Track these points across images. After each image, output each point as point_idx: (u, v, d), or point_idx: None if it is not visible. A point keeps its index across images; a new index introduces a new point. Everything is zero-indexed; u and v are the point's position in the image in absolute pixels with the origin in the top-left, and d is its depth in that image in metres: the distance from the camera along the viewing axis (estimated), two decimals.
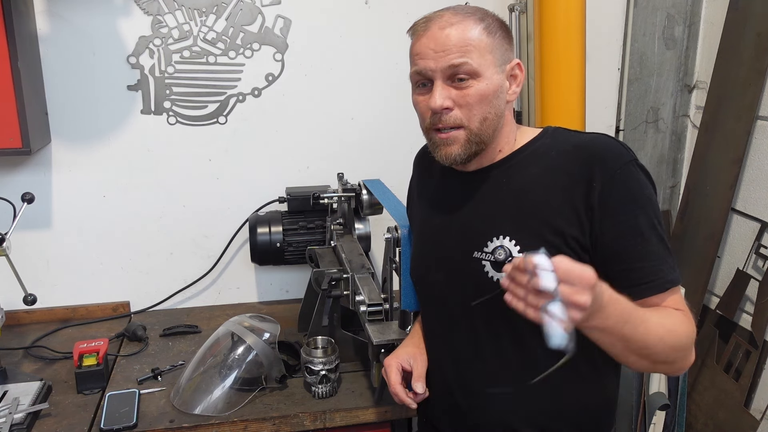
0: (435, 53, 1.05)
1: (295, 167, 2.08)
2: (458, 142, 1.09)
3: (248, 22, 1.94)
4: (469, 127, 1.07)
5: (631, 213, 1.03)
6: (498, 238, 1.10)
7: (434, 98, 1.06)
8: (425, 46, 1.06)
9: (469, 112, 1.07)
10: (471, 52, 1.04)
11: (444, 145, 1.10)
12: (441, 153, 1.11)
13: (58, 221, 1.97)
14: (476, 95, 1.05)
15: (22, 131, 1.64)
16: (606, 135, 1.10)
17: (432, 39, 1.05)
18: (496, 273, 1.09)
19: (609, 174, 1.03)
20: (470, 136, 1.08)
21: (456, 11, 1.07)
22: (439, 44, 1.04)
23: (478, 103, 1.06)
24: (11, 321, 1.93)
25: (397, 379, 1.22)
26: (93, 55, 1.88)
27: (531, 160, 1.12)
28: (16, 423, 1.40)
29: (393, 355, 1.27)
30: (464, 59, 1.04)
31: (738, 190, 2.04)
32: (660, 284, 1.03)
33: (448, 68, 1.04)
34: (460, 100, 1.06)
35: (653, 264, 1.03)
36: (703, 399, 2.09)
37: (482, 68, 1.05)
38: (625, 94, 2.24)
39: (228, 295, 2.14)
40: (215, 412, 1.46)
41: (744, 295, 2.00)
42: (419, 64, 1.07)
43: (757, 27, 1.91)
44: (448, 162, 1.11)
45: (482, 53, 1.05)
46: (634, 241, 1.03)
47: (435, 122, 1.09)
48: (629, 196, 1.03)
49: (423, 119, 1.12)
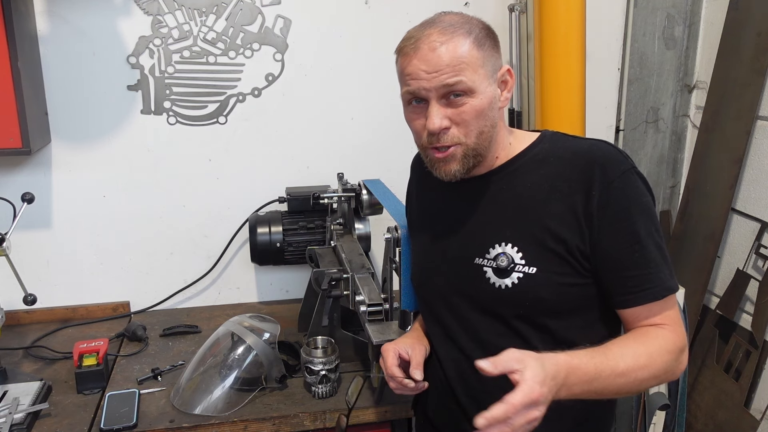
0: (427, 74, 1.03)
1: (295, 167, 2.08)
2: (456, 159, 1.08)
3: (248, 22, 1.94)
4: (466, 143, 1.07)
5: (628, 221, 1.03)
6: (500, 245, 1.10)
7: (432, 120, 1.04)
8: (416, 67, 1.03)
9: (466, 128, 1.06)
10: (464, 69, 1.02)
11: (443, 163, 1.09)
12: (440, 170, 1.10)
13: (58, 221, 1.97)
14: (472, 112, 1.05)
15: (22, 131, 1.64)
16: (604, 142, 1.10)
17: (423, 60, 1.03)
18: (498, 279, 1.09)
19: (607, 182, 1.03)
20: (467, 151, 1.08)
21: (443, 29, 1.04)
22: (431, 65, 1.02)
23: (475, 119, 1.05)
24: (11, 321, 1.93)
25: (394, 362, 1.18)
26: (93, 55, 1.88)
27: (530, 167, 1.12)
28: (16, 423, 1.40)
29: (391, 342, 1.26)
30: (458, 78, 1.02)
31: (738, 190, 2.03)
32: (656, 292, 1.04)
33: (442, 88, 1.03)
34: (456, 117, 1.05)
35: (650, 271, 1.03)
36: (703, 399, 2.09)
37: (476, 84, 1.04)
38: (625, 94, 2.24)
39: (228, 295, 2.14)
40: (215, 412, 1.46)
41: (744, 295, 2.00)
42: (412, 84, 1.05)
43: (757, 27, 1.91)
44: (447, 178, 1.11)
45: (475, 68, 1.04)
46: (631, 248, 1.03)
47: (432, 142, 1.07)
48: (627, 204, 1.03)
49: (418, 137, 1.11)
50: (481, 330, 1.14)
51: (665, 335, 1.04)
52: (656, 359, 1.01)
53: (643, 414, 2.00)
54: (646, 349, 1.02)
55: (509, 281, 1.08)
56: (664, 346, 1.03)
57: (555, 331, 1.09)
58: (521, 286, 1.07)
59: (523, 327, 1.10)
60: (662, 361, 1.02)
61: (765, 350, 1.89)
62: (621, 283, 1.04)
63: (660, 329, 1.05)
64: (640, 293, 1.04)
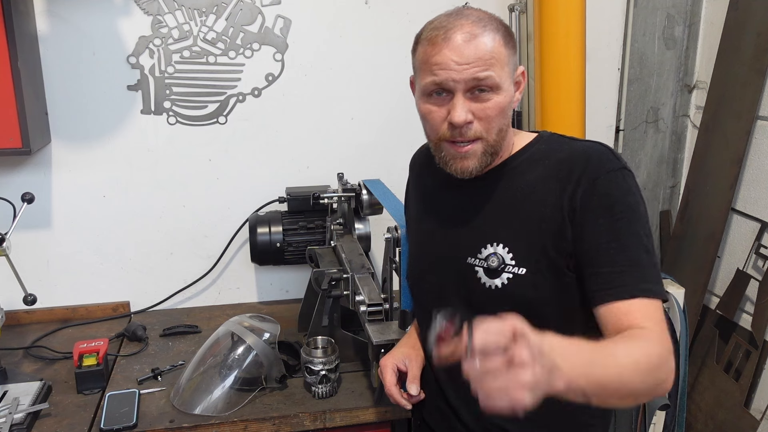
0: (458, 65, 1.00)
1: (295, 167, 2.08)
2: (476, 156, 1.07)
3: (248, 22, 1.94)
4: (487, 139, 1.06)
5: (610, 218, 1.00)
6: (492, 245, 1.09)
7: (457, 112, 1.02)
8: (447, 57, 1.01)
9: (488, 124, 1.04)
10: (494, 65, 1.01)
11: (461, 158, 1.07)
12: (456, 166, 1.08)
13: (58, 221, 1.97)
14: (496, 108, 1.03)
15: (22, 131, 1.64)
16: (601, 144, 1.08)
17: (455, 50, 1.00)
18: (489, 280, 1.09)
19: (592, 178, 1.02)
20: (487, 148, 1.07)
21: (475, 21, 1.02)
22: (464, 56, 1.00)
23: (497, 116, 1.04)
24: (11, 321, 1.93)
25: (392, 381, 1.22)
26: (93, 55, 1.88)
27: (525, 167, 1.11)
28: (16, 423, 1.40)
29: (389, 356, 1.27)
30: (489, 72, 1.01)
31: (738, 190, 2.04)
32: (626, 291, 0.97)
33: (471, 81, 1.01)
34: (479, 113, 1.03)
35: (623, 270, 0.98)
36: (703, 399, 2.09)
37: (502, 80, 1.03)
38: (625, 94, 2.24)
39: (228, 295, 2.14)
40: (215, 412, 1.46)
41: (744, 295, 2.00)
42: (440, 74, 1.02)
43: (757, 27, 1.91)
44: (463, 175, 1.09)
45: (502, 65, 1.03)
46: (608, 246, 1.00)
47: (454, 135, 1.05)
48: (610, 202, 1.01)
49: (435, 131, 1.08)
50: None
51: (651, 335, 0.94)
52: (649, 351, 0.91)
53: (643, 414, 2.00)
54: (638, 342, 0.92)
55: (499, 282, 1.08)
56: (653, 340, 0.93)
57: (545, 331, 1.08)
58: (511, 287, 1.07)
59: None
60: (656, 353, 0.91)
61: (765, 350, 1.89)
62: (592, 279, 1.01)
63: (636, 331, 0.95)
64: (610, 290, 0.98)
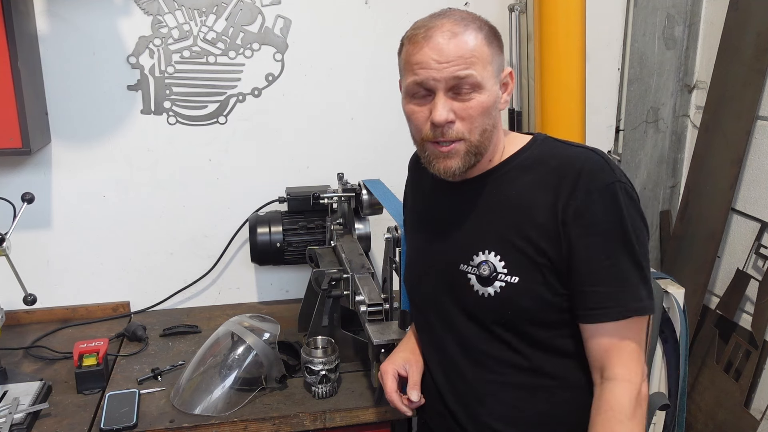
0: (438, 64, 1.00)
1: (295, 167, 2.08)
2: (458, 156, 1.06)
3: (248, 22, 1.94)
4: (469, 139, 1.05)
5: (602, 235, 1.00)
6: (483, 253, 1.09)
7: (438, 111, 1.02)
8: (427, 56, 1.01)
9: (471, 124, 1.04)
10: (475, 63, 1.01)
11: (443, 158, 1.07)
12: (439, 166, 1.08)
13: (58, 221, 1.97)
14: (479, 108, 1.03)
15: (22, 131, 1.64)
16: (595, 151, 1.07)
17: (435, 49, 1.00)
18: (481, 287, 1.08)
19: (586, 192, 1.00)
20: (470, 149, 1.05)
21: (456, 20, 1.02)
22: (443, 55, 1.00)
23: (480, 115, 1.03)
24: (11, 321, 1.93)
25: (393, 387, 1.22)
26: (93, 55, 1.88)
27: (517, 173, 1.10)
28: (16, 423, 1.40)
29: (389, 361, 1.27)
30: (469, 71, 1.00)
31: (738, 190, 2.03)
32: (606, 314, 1.01)
33: (451, 79, 1.01)
34: (462, 112, 1.03)
35: (614, 290, 1.01)
36: (703, 399, 2.09)
37: (484, 80, 1.02)
38: (625, 94, 2.24)
39: (228, 295, 2.14)
40: (215, 412, 1.46)
41: (744, 295, 2.00)
42: (420, 74, 1.02)
43: (757, 27, 1.91)
44: (446, 175, 1.08)
45: (484, 64, 1.02)
46: (599, 264, 1.00)
47: (436, 135, 1.05)
48: (603, 219, 1.00)
49: (419, 131, 1.07)
50: (467, 335, 1.13)
51: (618, 400, 1.01)
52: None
53: None
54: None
55: (492, 290, 1.07)
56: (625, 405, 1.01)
57: (539, 339, 1.08)
58: (504, 296, 1.06)
59: (507, 334, 1.09)
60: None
61: (765, 350, 1.89)
62: (582, 297, 1.02)
63: (610, 393, 1.02)
64: (599, 311, 1.01)
